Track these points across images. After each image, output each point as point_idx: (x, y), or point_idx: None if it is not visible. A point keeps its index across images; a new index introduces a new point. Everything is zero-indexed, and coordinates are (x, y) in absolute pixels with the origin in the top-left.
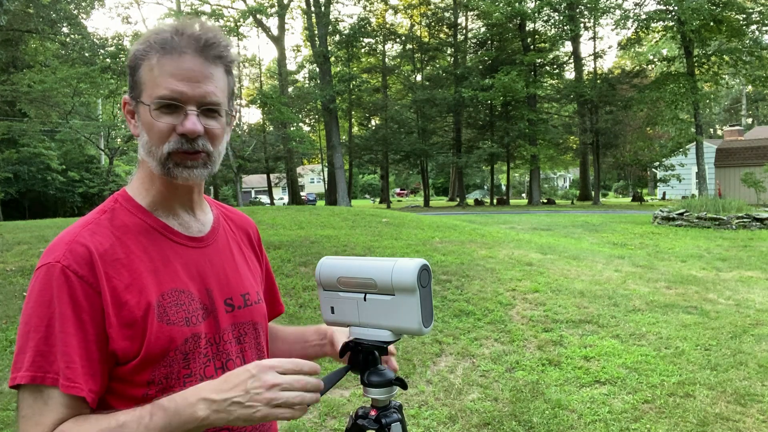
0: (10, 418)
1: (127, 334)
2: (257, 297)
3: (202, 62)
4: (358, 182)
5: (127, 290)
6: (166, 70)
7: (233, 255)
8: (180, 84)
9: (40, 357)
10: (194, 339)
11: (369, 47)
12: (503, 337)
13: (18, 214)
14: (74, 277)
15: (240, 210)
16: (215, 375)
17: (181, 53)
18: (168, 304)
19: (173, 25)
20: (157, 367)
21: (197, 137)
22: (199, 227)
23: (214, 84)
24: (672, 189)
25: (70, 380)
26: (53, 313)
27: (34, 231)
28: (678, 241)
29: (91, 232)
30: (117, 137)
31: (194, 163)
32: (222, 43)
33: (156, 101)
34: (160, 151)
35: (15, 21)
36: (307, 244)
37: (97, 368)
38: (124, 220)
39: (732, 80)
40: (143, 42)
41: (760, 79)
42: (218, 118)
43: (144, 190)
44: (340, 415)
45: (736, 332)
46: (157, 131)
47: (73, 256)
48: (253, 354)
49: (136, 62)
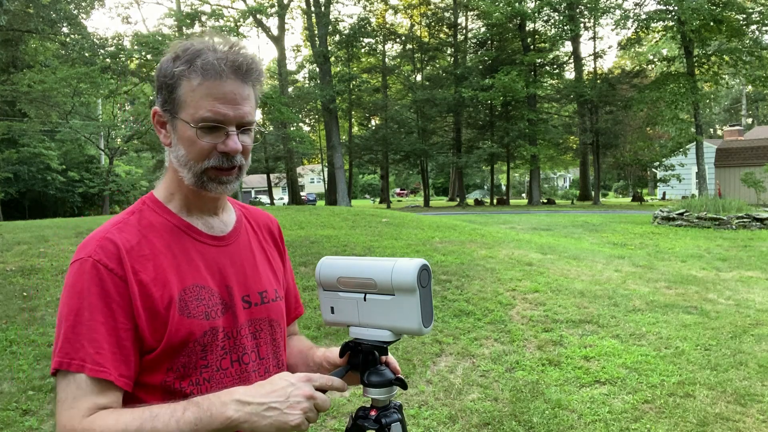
0: (10, 418)
1: (152, 324)
2: (275, 295)
3: (241, 85)
4: (358, 182)
5: (152, 283)
6: (210, 93)
7: (254, 254)
8: (223, 107)
9: (68, 344)
10: (212, 332)
11: (369, 47)
12: (503, 337)
13: (18, 214)
14: (104, 270)
15: (263, 209)
16: (230, 367)
17: (223, 77)
18: (189, 299)
19: (207, 44)
20: (176, 356)
21: (235, 155)
22: (222, 227)
23: (250, 104)
24: (672, 189)
25: (99, 365)
26: (82, 303)
27: (34, 231)
28: (678, 241)
29: (119, 230)
30: (117, 137)
31: (229, 179)
32: (259, 68)
33: (201, 123)
34: (198, 166)
35: (15, 21)
36: (307, 244)
37: (130, 354)
38: (151, 220)
39: (732, 80)
40: (183, 61)
41: (760, 79)
42: (250, 134)
43: (170, 194)
44: (340, 415)
45: (736, 332)
46: (198, 149)
47: (103, 252)
48: (268, 350)
49: (175, 81)
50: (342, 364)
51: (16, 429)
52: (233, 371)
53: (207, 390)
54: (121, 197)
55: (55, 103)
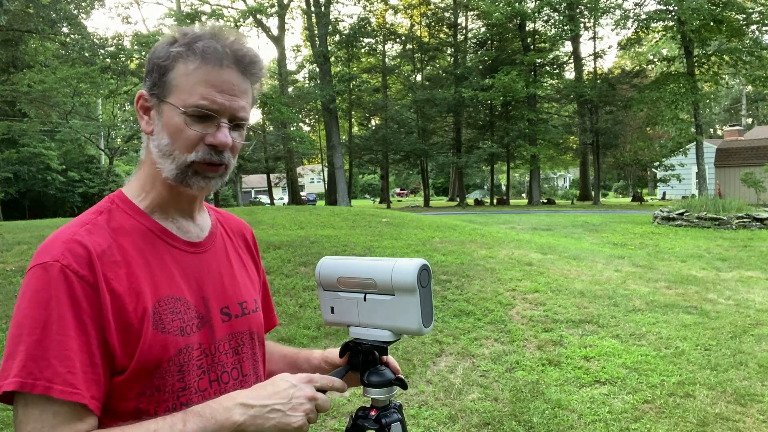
0: (10, 418)
1: (123, 340)
2: (255, 305)
3: (241, 77)
4: (358, 182)
5: (125, 294)
6: (207, 79)
7: (230, 261)
8: (219, 96)
9: (32, 361)
10: (187, 350)
11: (369, 47)
12: (503, 337)
13: (18, 214)
14: (74, 277)
15: (235, 214)
16: (209, 388)
17: (223, 65)
18: (164, 311)
19: (208, 31)
20: (149, 378)
21: (224, 149)
22: (198, 232)
23: (247, 100)
24: (672, 189)
25: (71, 386)
26: (50, 315)
27: (34, 231)
28: (678, 241)
29: (88, 231)
30: (117, 137)
31: (214, 175)
32: (261, 64)
33: (192, 109)
34: (183, 157)
35: (15, 21)
36: (307, 244)
37: (101, 374)
38: (121, 222)
39: (732, 80)
40: (181, 44)
41: (760, 79)
42: (241, 132)
43: (143, 192)
44: (340, 415)
45: (736, 332)
46: (185, 138)
47: (72, 256)
48: (249, 365)
49: (169, 62)
50: (342, 364)
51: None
52: (212, 392)
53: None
54: None
55: (55, 103)
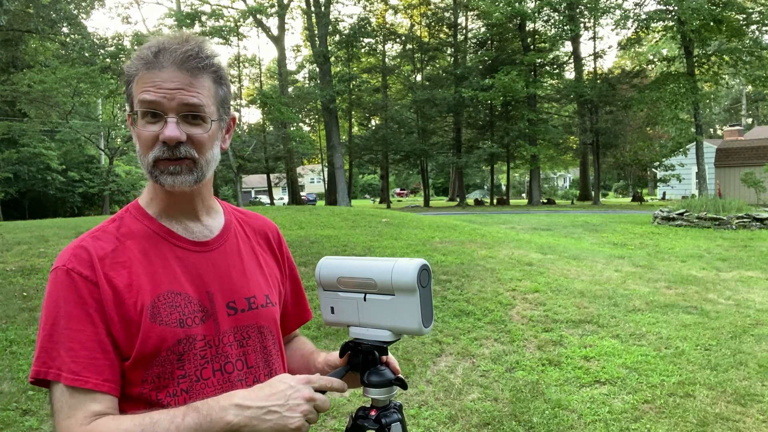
0: (10, 418)
1: (125, 332)
2: (266, 300)
3: (181, 73)
4: (358, 182)
5: (126, 290)
6: (146, 81)
7: (242, 258)
8: (156, 93)
9: (44, 353)
10: (188, 340)
11: (369, 47)
12: (503, 337)
13: (18, 214)
14: (78, 277)
15: (260, 213)
16: (212, 377)
17: (161, 67)
18: (162, 305)
19: (159, 41)
20: (149, 366)
21: (179, 144)
22: (205, 232)
23: (196, 92)
24: (672, 189)
25: (75, 373)
26: (59, 312)
27: (34, 231)
28: (678, 241)
29: (94, 239)
30: (117, 137)
31: (177, 169)
32: (203, 54)
33: (137, 111)
34: (147, 159)
35: (15, 21)
36: (307, 244)
37: (113, 358)
38: (131, 227)
39: (732, 80)
40: (134, 59)
41: (760, 79)
42: (203, 125)
43: (150, 199)
44: (340, 415)
45: (736, 332)
46: (143, 139)
47: (77, 260)
48: (257, 357)
49: (128, 79)
50: (342, 364)
51: (16, 429)
52: (215, 381)
53: (185, 401)
54: (121, 197)
55: (55, 103)
